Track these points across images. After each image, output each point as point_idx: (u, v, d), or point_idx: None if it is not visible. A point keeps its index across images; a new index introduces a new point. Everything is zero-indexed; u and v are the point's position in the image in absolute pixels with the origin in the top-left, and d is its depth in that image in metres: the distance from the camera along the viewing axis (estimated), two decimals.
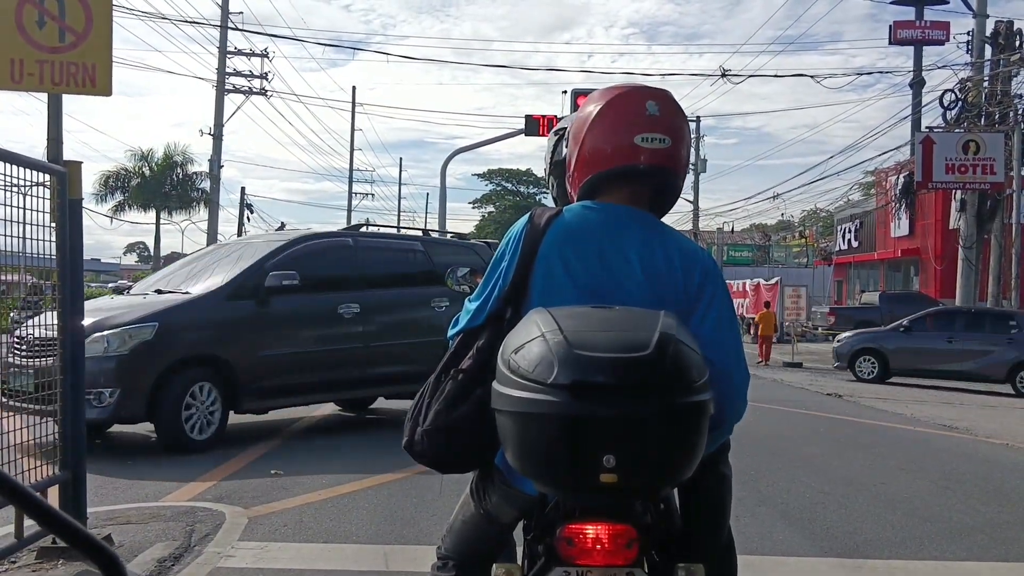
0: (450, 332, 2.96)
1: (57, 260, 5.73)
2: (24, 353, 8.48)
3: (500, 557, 2.87)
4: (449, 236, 14.64)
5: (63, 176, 5.71)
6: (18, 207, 5.38)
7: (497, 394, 2.37)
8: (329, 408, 13.41)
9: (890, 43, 57.05)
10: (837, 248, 54.61)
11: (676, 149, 2.82)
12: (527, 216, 2.87)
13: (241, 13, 52.07)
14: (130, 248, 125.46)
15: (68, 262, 5.75)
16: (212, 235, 51.27)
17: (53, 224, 5.71)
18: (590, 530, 2.40)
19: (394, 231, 17.30)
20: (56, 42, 5.95)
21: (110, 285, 55.05)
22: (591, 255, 2.76)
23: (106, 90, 6.04)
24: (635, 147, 2.79)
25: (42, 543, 5.60)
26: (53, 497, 5.79)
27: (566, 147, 3.00)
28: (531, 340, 2.33)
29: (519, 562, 2.76)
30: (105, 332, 9.25)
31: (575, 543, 2.40)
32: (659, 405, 2.21)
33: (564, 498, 2.44)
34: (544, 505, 2.53)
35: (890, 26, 56.60)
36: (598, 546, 2.39)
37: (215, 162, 50.21)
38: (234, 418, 12.00)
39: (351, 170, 76.02)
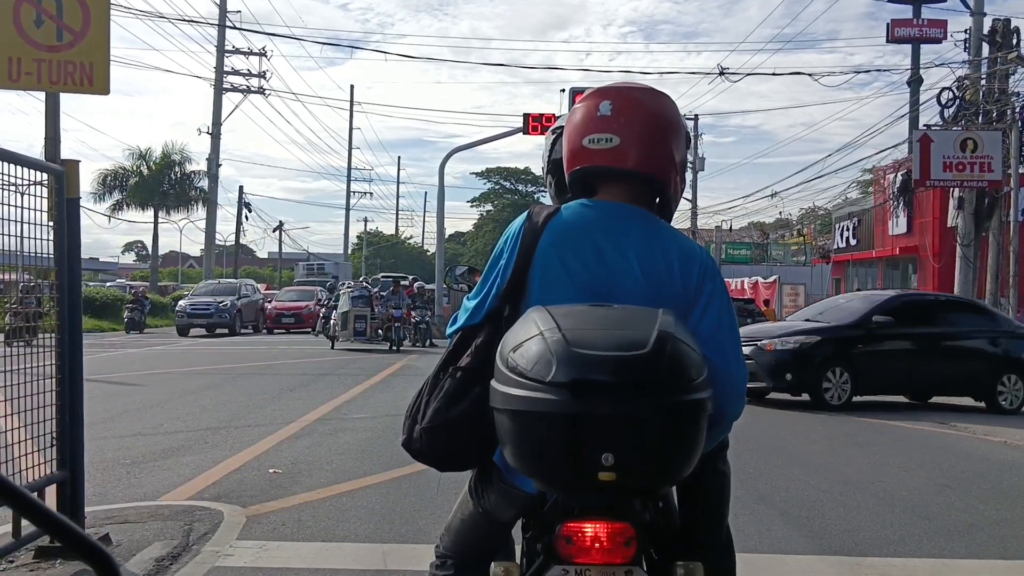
0: (449, 330, 2.96)
1: (55, 259, 5.73)
2: None
3: (499, 555, 2.87)
4: None
5: (61, 175, 5.71)
6: (16, 206, 5.38)
7: (496, 392, 2.37)
8: (327, 407, 13.43)
9: (887, 41, 56.87)
10: (835, 246, 54.51)
11: (627, 148, 2.78)
12: (525, 214, 2.87)
13: (239, 12, 52.19)
14: (128, 247, 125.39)
15: (66, 261, 5.75)
16: (210, 234, 51.37)
17: (51, 223, 5.71)
18: (589, 528, 2.39)
19: None
20: (54, 41, 5.95)
21: (108, 284, 55.09)
22: (589, 253, 2.75)
23: (104, 89, 6.04)
24: (583, 149, 2.81)
25: (40, 543, 5.60)
26: (51, 496, 5.79)
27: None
28: (529, 338, 2.34)
29: (518, 560, 2.76)
30: None
31: (574, 541, 2.40)
32: (658, 403, 2.21)
33: (563, 496, 2.44)
34: (543, 503, 2.53)
35: (887, 24, 56.46)
36: (597, 544, 2.39)
37: (213, 161, 50.37)
38: (233, 416, 12.04)
39: (349, 169, 76.36)
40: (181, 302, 40.10)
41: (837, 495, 8.23)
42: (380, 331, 28.59)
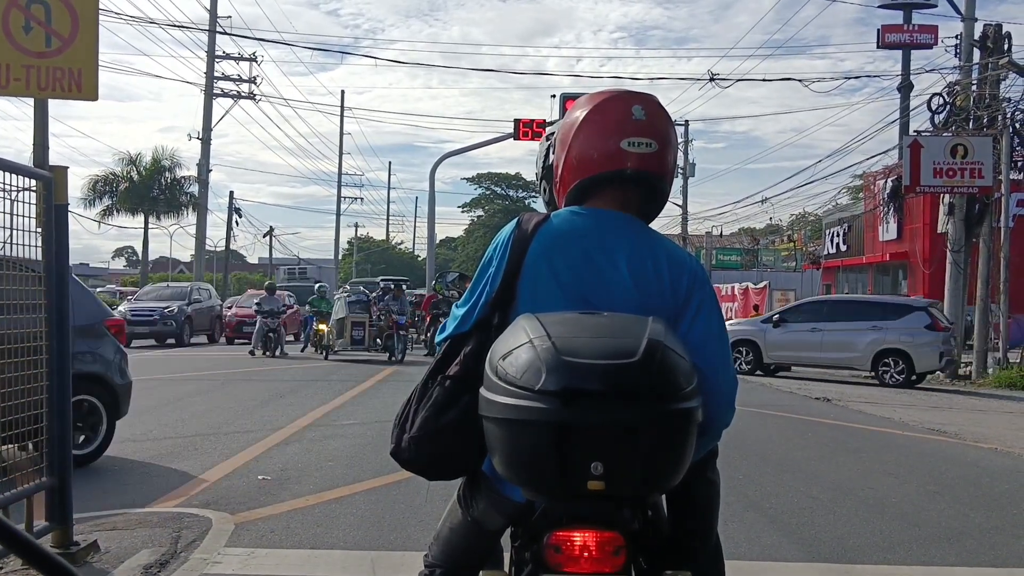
0: (438, 338, 2.94)
1: (43, 265, 5.71)
2: None
3: (487, 564, 2.86)
4: None
5: (49, 181, 5.69)
6: (5, 213, 5.37)
7: (485, 400, 2.36)
8: (317, 414, 13.41)
9: (878, 47, 57.18)
10: (825, 252, 54.65)
11: (662, 153, 2.81)
12: (515, 221, 2.86)
13: (229, 17, 52.03)
14: (118, 252, 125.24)
15: (54, 267, 5.73)
16: (201, 239, 51.27)
17: (39, 229, 5.70)
18: (577, 537, 2.38)
19: None
20: (42, 47, 5.93)
21: (99, 290, 54.89)
22: (579, 261, 2.75)
23: (92, 95, 6.02)
24: (621, 152, 2.77)
25: None
26: (39, 504, 5.77)
27: (553, 152, 3.00)
28: (519, 346, 2.33)
29: (506, 569, 2.75)
30: None
31: (562, 550, 2.39)
32: (647, 412, 2.20)
33: (552, 505, 2.43)
34: (532, 512, 2.52)
35: (878, 30, 56.73)
36: (585, 553, 2.38)
37: (203, 166, 50.29)
38: (221, 422, 12.01)
39: (340, 174, 76.18)
40: (120, 307, 34.68)
41: (827, 502, 8.23)
42: (379, 340, 26.47)
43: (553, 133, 3.21)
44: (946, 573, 6.20)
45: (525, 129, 31.26)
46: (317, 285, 33.71)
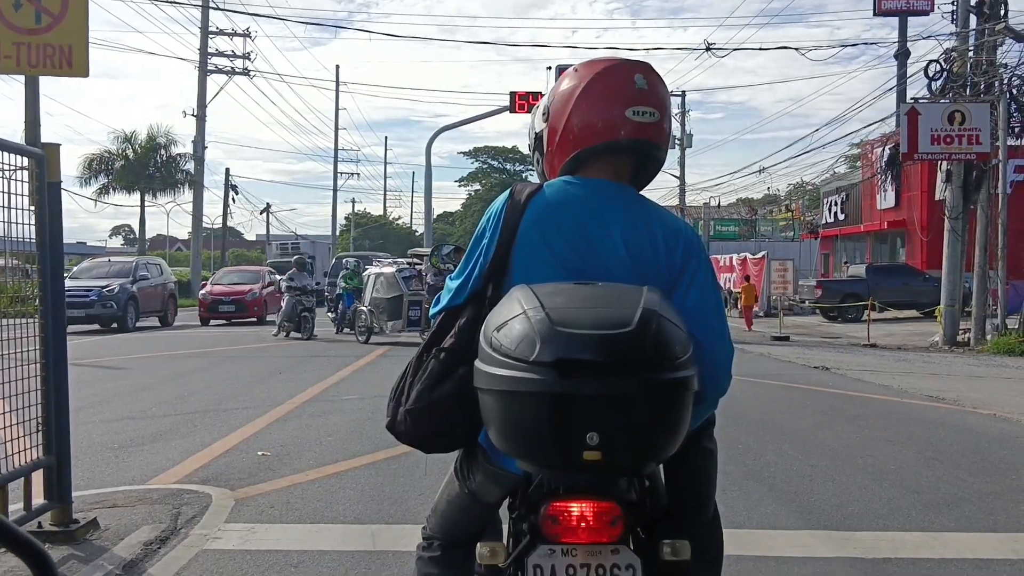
0: (432, 311, 2.94)
1: (37, 243, 5.70)
2: None
3: (485, 536, 2.85)
4: None
5: (41, 159, 5.67)
6: (1, 191, 5.36)
7: (480, 372, 2.35)
8: (316, 389, 13.43)
9: (875, 14, 56.89)
10: (824, 221, 54.64)
11: (662, 122, 2.80)
12: (507, 192, 2.84)
13: None
14: (115, 231, 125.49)
15: (48, 245, 5.71)
16: (197, 217, 51.22)
17: (32, 207, 5.68)
18: (575, 508, 2.38)
19: None
20: (32, 24, 5.91)
21: None
22: (573, 231, 2.73)
23: (83, 71, 6.00)
24: (626, 121, 2.76)
25: (27, 528, 5.57)
26: (38, 482, 5.77)
27: (544, 122, 2.96)
28: (513, 317, 2.31)
29: (504, 540, 2.75)
30: None
31: (560, 521, 2.39)
32: (642, 381, 2.19)
33: (548, 476, 2.43)
34: (528, 483, 2.52)
35: None
36: (583, 524, 2.38)
37: (199, 143, 50.26)
38: (220, 399, 12.02)
39: (336, 150, 76.20)
40: None
41: (826, 469, 8.23)
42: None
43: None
44: (945, 538, 6.20)
45: (521, 102, 31.13)
46: (349, 259, 30.86)
